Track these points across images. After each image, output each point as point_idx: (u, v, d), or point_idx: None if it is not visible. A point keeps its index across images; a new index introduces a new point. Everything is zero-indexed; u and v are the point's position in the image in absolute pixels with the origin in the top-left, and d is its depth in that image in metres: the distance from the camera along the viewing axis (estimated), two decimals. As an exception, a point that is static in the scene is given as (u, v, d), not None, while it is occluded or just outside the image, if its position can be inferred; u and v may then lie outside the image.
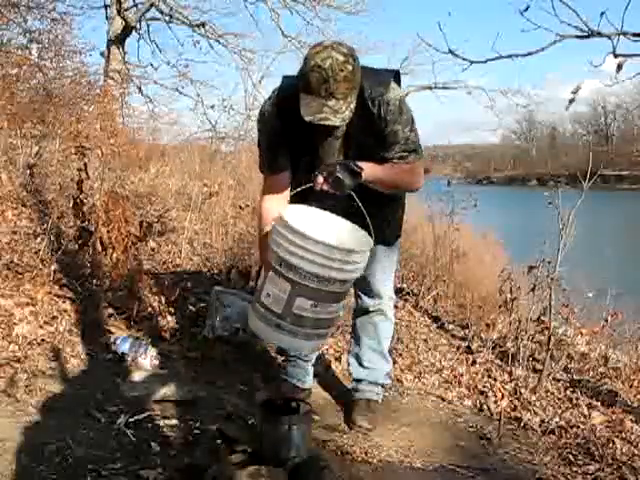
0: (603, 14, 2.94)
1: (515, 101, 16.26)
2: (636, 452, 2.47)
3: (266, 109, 2.04)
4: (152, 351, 2.69)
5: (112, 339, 2.76)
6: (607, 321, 3.71)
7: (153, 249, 4.14)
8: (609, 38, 3.00)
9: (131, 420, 2.11)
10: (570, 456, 2.41)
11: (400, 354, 3.32)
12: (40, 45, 9.07)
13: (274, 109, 2.02)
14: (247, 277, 3.75)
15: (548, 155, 51.32)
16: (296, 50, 12.23)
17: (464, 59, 3.55)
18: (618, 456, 2.40)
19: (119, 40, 11.43)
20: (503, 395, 2.90)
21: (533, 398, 2.93)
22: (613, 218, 17.58)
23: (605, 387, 3.23)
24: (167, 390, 2.35)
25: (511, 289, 3.68)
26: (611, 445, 2.47)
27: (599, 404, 2.97)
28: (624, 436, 2.60)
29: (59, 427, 2.00)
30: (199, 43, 11.98)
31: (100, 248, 3.27)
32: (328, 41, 1.84)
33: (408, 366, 3.20)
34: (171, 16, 11.74)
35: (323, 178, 1.86)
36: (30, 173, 4.54)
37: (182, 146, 9.45)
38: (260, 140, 2.11)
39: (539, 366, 3.27)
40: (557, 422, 2.70)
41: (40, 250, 3.31)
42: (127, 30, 11.51)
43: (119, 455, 1.90)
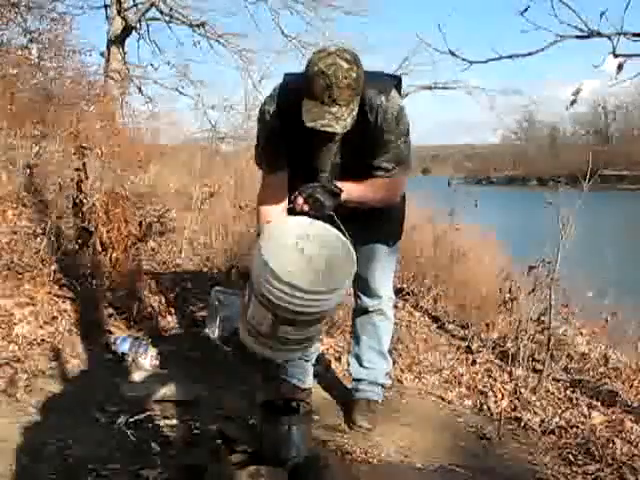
0: (603, 14, 2.93)
1: (515, 101, 16.29)
2: (636, 452, 2.46)
3: (266, 108, 2.03)
4: (152, 351, 2.69)
5: (112, 339, 2.76)
6: (607, 321, 3.71)
7: (153, 249, 4.15)
8: (609, 38, 2.99)
9: (131, 420, 2.11)
10: (570, 456, 2.40)
11: (400, 354, 3.32)
12: (40, 45, 9.07)
13: (275, 108, 2.01)
14: (247, 277, 3.74)
15: (548, 155, 51.31)
16: (296, 50, 12.26)
17: (464, 59, 3.54)
18: (618, 456, 2.39)
19: (119, 40, 11.44)
20: (503, 395, 2.91)
21: (533, 398, 2.92)
22: (613, 218, 17.56)
23: (605, 387, 3.23)
24: (167, 390, 2.35)
25: (511, 289, 3.68)
26: (611, 445, 2.46)
27: (599, 404, 2.97)
28: (624, 436, 2.60)
29: (59, 427, 2.00)
30: (199, 43, 12.04)
31: (100, 248, 3.28)
32: (332, 46, 1.84)
33: (408, 366, 3.20)
34: (171, 16, 11.75)
35: (303, 199, 1.89)
36: (30, 173, 4.54)
37: (182, 146, 9.45)
38: (259, 138, 2.10)
39: (539, 366, 3.27)
40: (557, 422, 2.70)
41: (40, 250, 3.31)
42: (127, 30, 11.52)
43: (119, 455, 1.90)
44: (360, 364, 2.52)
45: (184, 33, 15.87)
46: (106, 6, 11.71)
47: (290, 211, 1.99)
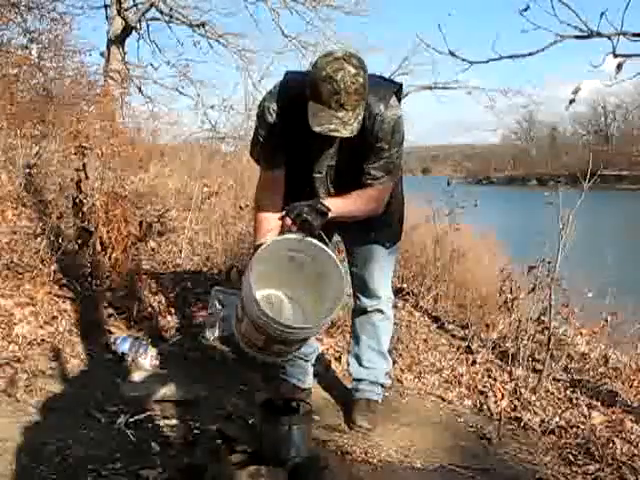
0: (603, 14, 2.94)
1: (515, 101, 16.33)
2: (636, 452, 2.46)
3: (266, 105, 2.04)
4: (152, 351, 2.69)
5: (112, 339, 2.76)
6: (607, 321, 3.71)
7: (153, 249, 4.14)
8: (609, 38, 2.99)
9: (131, 420, 2.11)
10: (570, 456, 2.40)
11: (400, 354, 3.32)
12: (40, 45, 9.07)
13: (275, 106, 2.01)
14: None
15: (548, 155, 51.34)
16: (296, 50, 12.26)
17: (464, 60, 3.54)
18: (618, 456, 2.39)
19: (119, 40, 11.45)
20: (503, 395, 2.90)
21: (533, 398, 2.92)
22: (613, 218, 17.56)
23: (605, 387, 3.23)
24: (167, 390, 2.35)
25: (511, 289, 3.68)
26: (611, 445, 2.46)
27: (599, 404, 2.97)
28: (624, 436, 2.60)
29: (59, 427, 2.00)
30: (199, 43, 12.04)
31: (100, 248, 3.28)
32: (339, 51, 1.84)
33: (408, 366, 3.20)
34: (171, 16, 11.75)
35: (291, 220, 1.90)
36: (30, 173, 4.54)
37: (182, 146, 9.45)
38: (258, 134, 2.10)
39: (539, 366, 3.27)
40: (557, 422, 2.70)
41: (40, 250, 3.31)
42: (127, 30, 11.53)
43: (119, 455, 1.90)
44: (360, 364, 2.52)
45: (184, 33, 15.86)
46: (106, 6, 11.73)
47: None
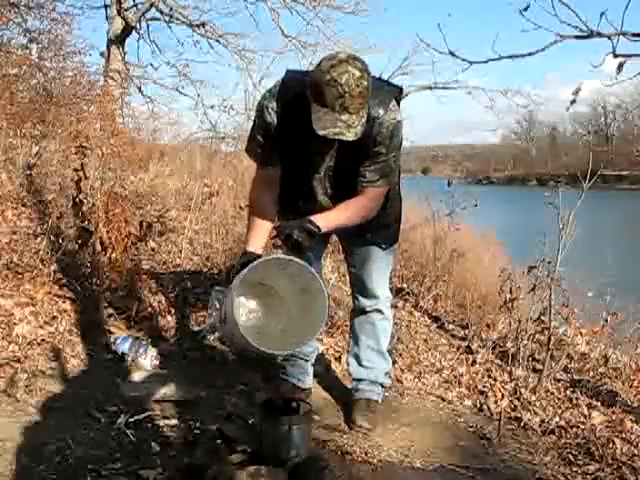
0: (603, 14, 2.94)
1: (515, 101, 16.33)
2: (636, 452, 2.46)
3: (265, 103, 2.04)
4: (152, 351, 2.69)
5: (112, 339, 2.76)
6: (607, 321, 3.71)
7: (153, 249, 4.14)
8: (609, 38, 2.99)
9: (131, 420, 2.11)
10: (570, 456, 2.40)
11: (400, 354, 3.32)
12: (40, 45, 9.09)
13: (274, 105, 2.02)
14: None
15: (548, 155, 51.29)
16: (296, 50, 12.24)
17: (464, 60, 3.54)
18: (618, 456, 2.39)
19: (119, 40, 11.44)
20: (503, 395, 2.90)
21: (533, 398, 2.92)
22: (613, 218, 17.57)
23: (605, 387, 3.23)
24: (167, 390, 2.36)
25: (511, 289, 3.68)
26: (611, 445, 2.46)
27: (599, 404, 2.97)
28: (624, 436, 2.60)
29: (59, 427, 2.00)
30: (199, 43, 12.02)
31: (100, 248, 3.28)
32: (343, 54, 1.84)
33: (408, 366, 3.20)
34: (171, 16, 11.74)
35: (281, 241, 1.93)
36: (30, 173, 4.54)
37: (182, 146, 9.45)
38: (255, 132, 2.11)
39: (539, 366, 3.27)
40: (557, 422, 2.70)
41: (40, 250, 3.30)
42: (127, 30, 11.52)
43: (119, 455, 1.90)
44: (359, 364, 2.52)
45: (184, 33, 15.84)
46: (106, 6, 11.72)
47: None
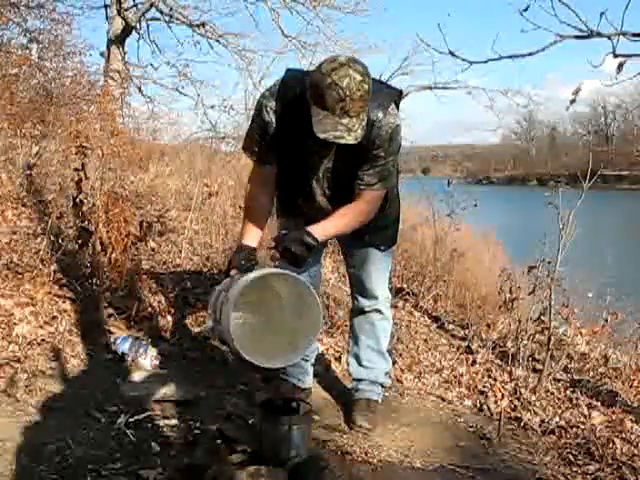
0: (603, 14, 2.94)
1: (515, 101, 16.34)
2: (636, 452, 2.46)
3: (264, 102, 2.04)
4: (152, 351, 2.69)
5: (112, 339, 2.76)
6: (607, 321, 3.71)
7: (153, 249, 4.14)
8: (609, 38, 3.00)
9: (131, 420, 2.11)
10: (570, 456, 2.40)
11: (400, 354, 3.31)
12: (40, 45, 9.09)
13: (273, 105, 2.02)
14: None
15: (548, 155, 51.37)
16: (296, 50, 12.24)
17: (464, 60, 3.55)
18: (618, 456, 2.39)
19: (119, 40, 11.43)
20: (503, 395, 2.90)
21: (533, 398, 2.92)
22: (613, 218, 17.59)
23: (605, 387, 3.23)
24: (167, 390, 2.35)
25: (511, 289, 3.68)
26: (611, 445, 2.46)
27: (599, 404, 2.97)
28: (624, 436, 2.60)
29: (59, 427, 2.00)
30: (199, 43, 12.00)
31: (100, 248, 3.27)
32: (343, 57, 1.84)
33: (408, 366, 3.20)
34: (171, 16, 11.74)
35: (279, 253, 1.95)
36: (30, 173, 4.54)
37: (182, 146, 9.44)
38: (253, 130, 2.11)
39: (539, 366, 3.27)
40: (557, 422, 2.70)
41: (40, 250, 3.30)
42: (127, 30, 11.51)
43: (119, 455, 1.90)
44: (359, 364, 2.52)
45: (184, 33, 15.83)
46: (106, 6, 11.71)
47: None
